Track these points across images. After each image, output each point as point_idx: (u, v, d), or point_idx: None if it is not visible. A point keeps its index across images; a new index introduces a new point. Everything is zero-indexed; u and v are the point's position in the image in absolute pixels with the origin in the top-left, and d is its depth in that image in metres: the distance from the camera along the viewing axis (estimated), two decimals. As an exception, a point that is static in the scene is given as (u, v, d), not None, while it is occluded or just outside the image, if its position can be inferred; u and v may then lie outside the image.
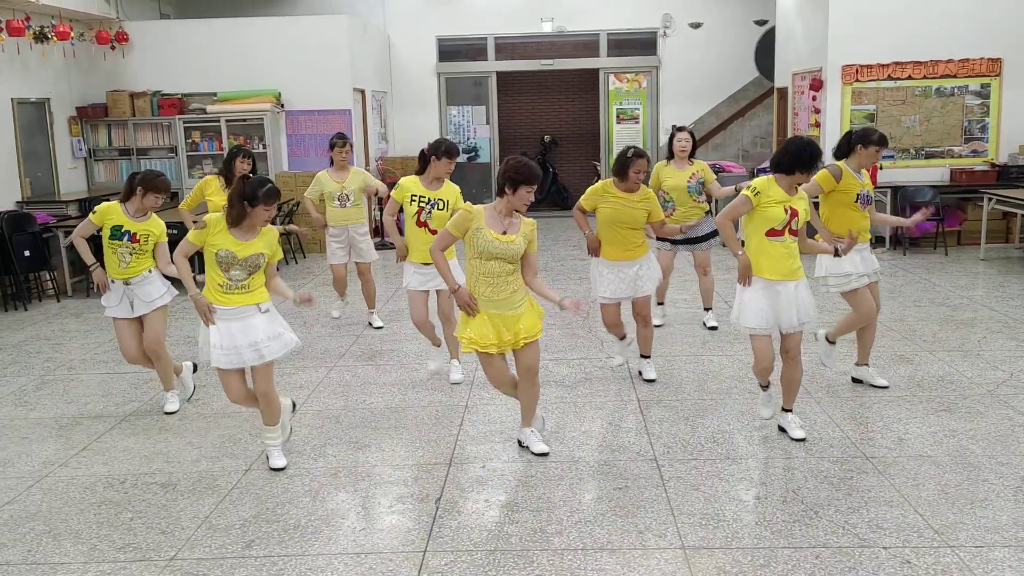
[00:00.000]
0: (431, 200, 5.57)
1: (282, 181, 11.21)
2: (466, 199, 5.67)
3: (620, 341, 5.88)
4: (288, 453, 4.69)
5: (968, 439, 4.65)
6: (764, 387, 4.86)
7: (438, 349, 5.90)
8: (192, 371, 5.65)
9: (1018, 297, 7.83)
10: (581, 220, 5.55)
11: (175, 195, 11.27)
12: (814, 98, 10.77)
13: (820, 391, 5.47)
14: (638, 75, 14.25)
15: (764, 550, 3.57)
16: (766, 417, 4.88)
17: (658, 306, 7.21)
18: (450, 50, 14.27)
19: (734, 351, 6.40)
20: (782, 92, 12.07)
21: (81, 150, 11.13)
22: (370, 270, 7.39)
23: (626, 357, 5.93)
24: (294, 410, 4.76)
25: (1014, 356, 6.06)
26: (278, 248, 4.44)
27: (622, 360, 5.92)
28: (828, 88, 10.40)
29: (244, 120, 11.31)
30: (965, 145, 10.45)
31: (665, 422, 5.03)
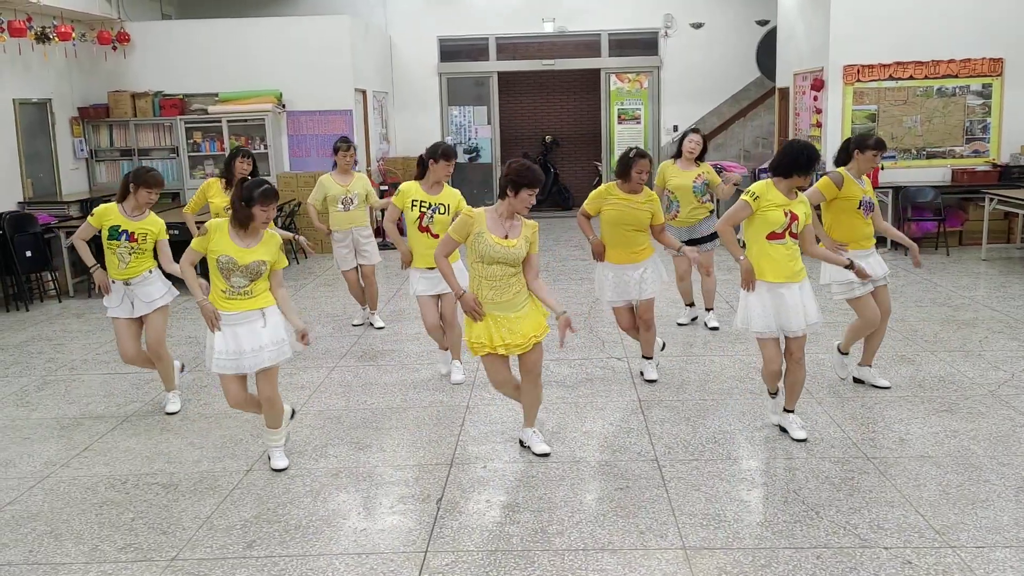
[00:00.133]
0: (432, 205, 5.56)
1: (283, 182, 11.23)
2: (468, 200, 5.68)
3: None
4: (289, 453, 4.69)
5: (969, 439, 4.65)
6: (773, 394, 4.86)
7: (444, 352, 5.91)
8: (180, 370, 5.64)
9: (1020, 297, 7.82)
10: (585, 226, 5.54)
11: (176, 195, 11.30)
12: (815, 98, 10.77)
13: (822, 391, 5.46)
14: (639, 75, 14.25)
15: (765, 550, 3.57)
16: (776, 423, 4.87)
17: (688, 307, 7.21)
18: (451, 50, 14.28)
19: (735, 351, 6.40)
20: (783, 92, 12.07)
21: (83, 151, 11.14)
22: (374, 272, 7.38)
23: (664, 342, 5.99)
24: (292, 417, 4.75)
25: (1015, 356, 6.06)
26: (281, 256, 4.43)
27: (661, 343, 5.98)
28: (829, 88, 10.40)
29: (245, 121, 11.31)
30: (966, 145, 10.44)
31: (666, 422, 5.03)
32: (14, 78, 9.66)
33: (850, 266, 4.79)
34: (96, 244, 5.30)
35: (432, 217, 5.54)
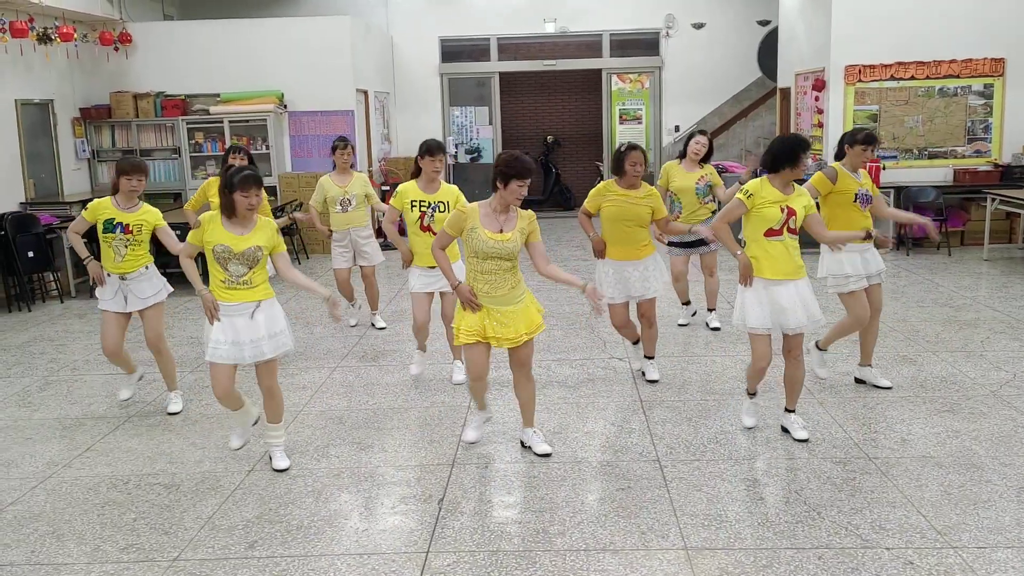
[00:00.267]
0: (431, 203, 5.57)
1: (285, 182, 11.24)
2: (469, 199, 5.67)
3: (634, 345, 5.87)
4: (291, 454, 4.70)
5: (971, 440, 4.65)
6: (752, 394, 4.85)
7: (423, 354, 5.90)
8: (138, 379, 5.60)
9: (1021, 298, 7.82)
10: (586, 223, 5.54)
11: (178, 196, 11.31)
12: (817, 98, 10.76)
13: (823, 392, 5.46)
14: (641, 75, 14.25)
15: (767, 551, 3.57)
16: (749, 426, 4.84)
17: (685, 306, 7.21)
18: (453, 51, 14.28)
19: (737, 352, 6.40)
20: (785, 92, 12.07)
21: (84, 151, 11.15)
22: (374, 273, 7.38)
23: (641, 363, 5.88)
24: (255, 423, 4.71)
25: (1017, 357, 6.05)
26: (278, 240, 4.41)
27: (640, 365, 5.86)
28: (831, 88, 10.40)
29: (247, 121, 11.32)
30: (968, 145, 10.44)
31: (668, 423, 5.03)
32: (16, 79, 9.67)
33: (868, 236, 4.83)
34: (90, 238, 5.30)
35: (433, 216, 5.54)
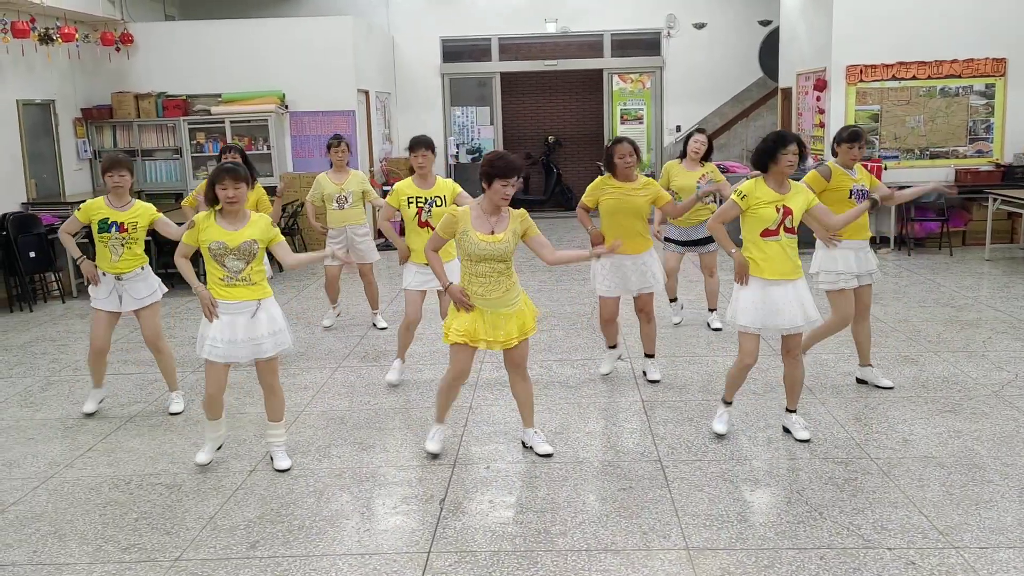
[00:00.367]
0: (428, 199, 5.58)
1: (287, 182, 11.21)
2: (472, 194, 5.68)
3: (610, 350, 5.85)
4: (292, 454, 4.70)
5: (973, 440, 4.64)
6: (727, 403, 4.81)
7: (402, 363, 5.88)
8: (100, 398, 5.54)
9: (1023, 298, 7.81)
10: (584, 217, 5.54)
11: (180, 196, 11.30)
12: (818, 98, 10.76)
13: (825, 392, 5.46)
14: (642, 75, 14.25)
15: (768, 551, 3.57)
16: (720, 433, 4.74)
17: (671, 303, 7.22)
18: (454, 51, 14.29)
19: (738, 352, 6.39)
20: (786, 92, 12.07)
21: (86, 151, 11.16)
22: (371, 271, 7.38)
23: (613, 367, 5.87)
24: (219, 448, 4.65)
25: (1019, 357, 6.05)
26: (273, 232, 4.40)
27: (609, 370, 5.84)
28: (832, 88, 10.39)
29: (249, 121, 11.32)
30: (970, 145, 10.43)
31: (669, 423, 5.03)
32: (17, 79, 9.68)
33: (874, 205, 4.85)
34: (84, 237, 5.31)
35: (430, 211, 5.55)
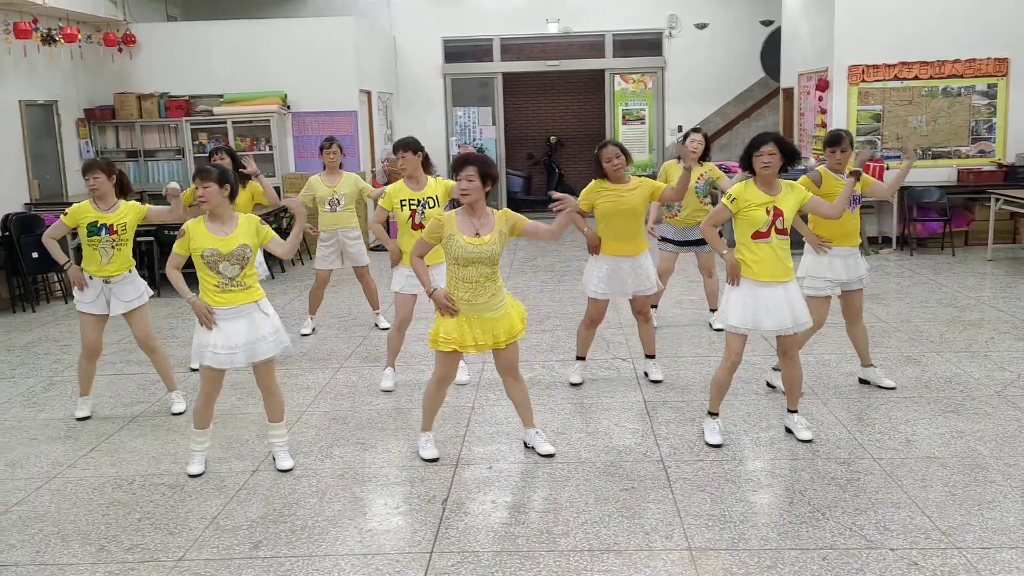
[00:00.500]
0: (420, 200, 5.57)
1: (288, 183, 11.24)
2: None
3: (579, 361, 5.81)
4: (295, 454, 4.71)
5: (976, 440, 4.64)
6: (714, 414, 4.77)
7: (393, 371, 5.85)
8: (90, 408, 5.49)
9: (1026, 298, 7.81)
10: (579, 221, 5.51)
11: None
12: (820, 98, 10.75)
13: (827, 392, 5.46)
14: (644, 76, 14.24)
15: (771, 551, 3.57)
16: (715, 444, 4.66)
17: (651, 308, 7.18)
18: (456, 51, 14.29)
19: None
20: (788, 92, 12.06)
21: (89, 152, 11.17)
22: (368, 272, 7.34)
23: (583, 378, 5.81)
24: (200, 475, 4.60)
25: (1022, 357, 6.04)
26: (264, 231, 4.38)
27: (581, 379, 5.78)
28: (834, 88, 10.39)
29: (251, 122, 11.34)
30: (972, 145, 10.42)
31: (671, 423, 5.03)
32: (20, 79, 9.70)
33: (857, 177, 4.78)
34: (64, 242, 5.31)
35: (423, 213, 5.55)
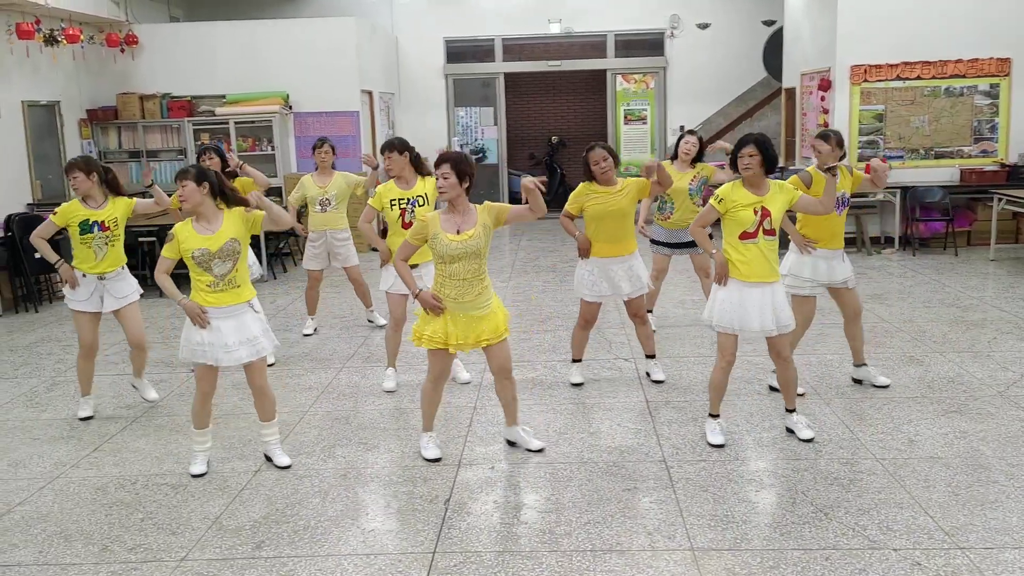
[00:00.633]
0: (410, 199, 5.58)
1: (291, 183, 11.23)
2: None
3: (576, 363, 5.81)
4: (297, 454, 4.71)
5: (978, 440, 4.63)
6: (715, 416, 4.77)
7: (394, 371, 5.86)
8: (93, 407, 5.52)
9: (1028, 298, 7.80)
10: (569, 225, 5.50)
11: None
12: (822, 98, 10.75)
13: (829, 392, 5.45)
14: (645, 76, 14.24)
15: (773, 552, 3.56)
16: (718, 444, 4.66)
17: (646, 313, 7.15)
18: (458, 51, 14.29)
19: (742, 352, 6.36)
20: (790, 92, 12.05)
21: (91, 152, 11.19)
22: (358, 271, 7.29)
23: (583, 378, 5.81)
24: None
25: (1024, 357, 6.04)
26: (249, 218, 4.35)
27: (582, 380, 5.78)
28: (836, 88, 10.38)
29: (253, 122, 11.35)
30: (975, 145, 10.41)
31: (674, 423, 5.02)
32: (23, 80, 9.71)
33: (832, 172, 4.66)
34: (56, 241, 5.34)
35: (413, 211, 5.55)
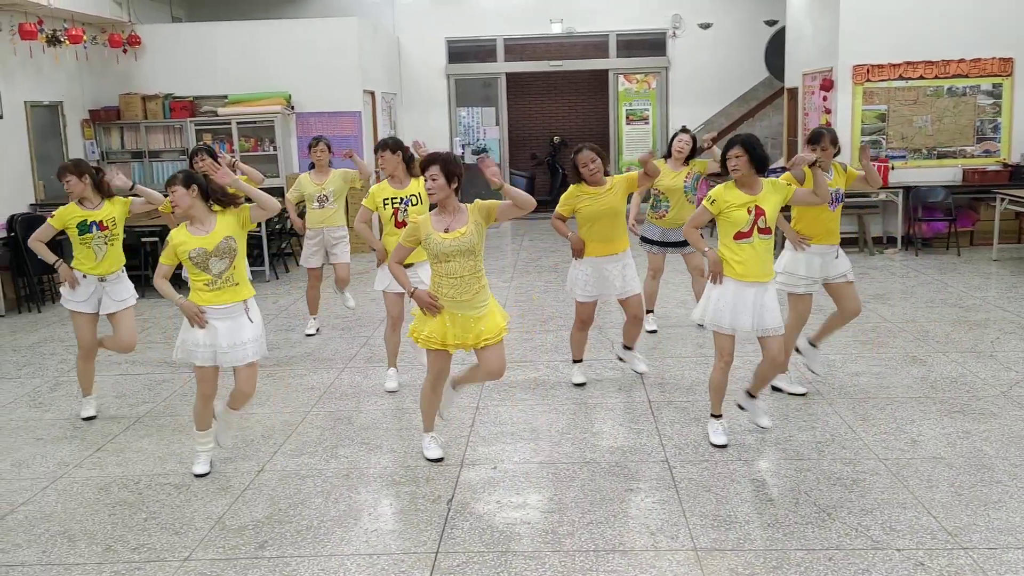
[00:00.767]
0: (403, 198, 5.59)
1: (293, 183, 11.24)
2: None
3: (577, 364, 5.81)
4: (300, 454, 4.72)
5: (981, 440, 4.63)
6: (718, 416, 4.76)
7: (396, 371, 5.87)
8: (95, 405, 5.55)
9: (1031, 298, 7.79)
10: (561, 227, 5.49)
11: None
12: (825, 98, 10.74)
13: (832, 392, 5.45)
14: (647, 76, 14.23)
15: (776, 552, 3.56)
16: (721, 444, 4.66)
17: (648, 313, 7.14)
18: (459, 51, 14.30)
19: (744, 352, 6.38)
20: (792, 92, 12.04)
21: (94, 153, 11.20)
22: (347, 270, 7.25)
23: (585, 378, 5.83)
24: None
25: (1027, 357, 6.03)
26: (241, 211, 4.37)
27: (584, 379, 5.79)
28: (839, 88, 10.37)
29: (255, 122, 11.35)
30: (977, 145, 10.40)
31: (676, 423, 5.02)
32: (25, 80, 9.72)
33: (813, 164, 4.68)
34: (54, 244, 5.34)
35: (406, 210, 5.56)
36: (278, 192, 11.22)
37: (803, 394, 5.38)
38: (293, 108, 11.56)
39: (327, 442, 4.93)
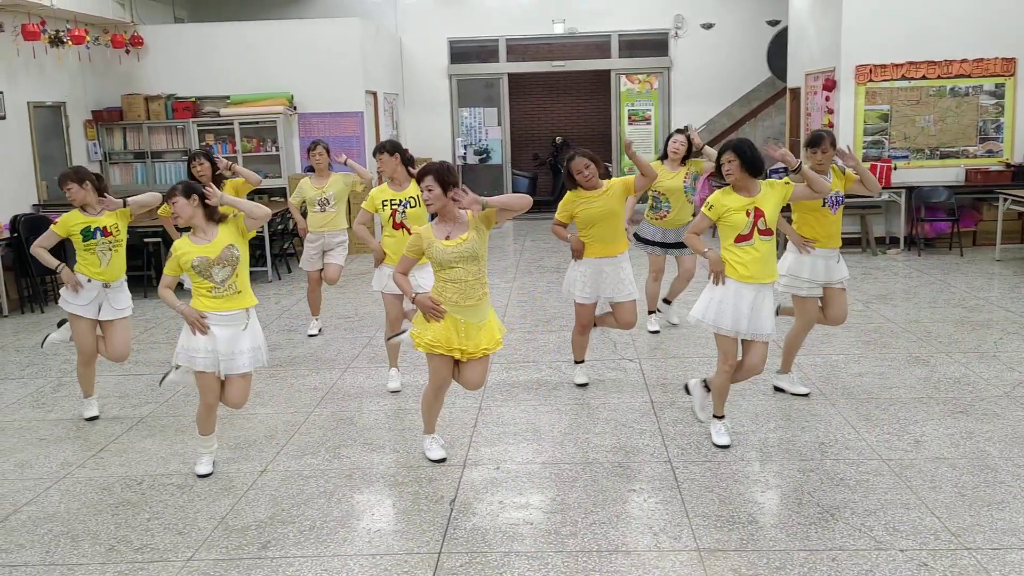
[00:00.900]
0: (401, 201, 5.59)
1: (295, 183, 11.25)
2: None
3: (579, 364, 5.81)
4: (303, 455, 4.72)
5: (985, 441, 4.62)
6: (720, 417, 4.75)
7: (398, 371, 5.87)
8: (97, 405, 5.54)
9: (1034, 298, 7.78)
10: (561, 232, 5.49)
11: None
12: (827, 98, 10.73)
13: (835, 393, 5.45)
14: (650, 76, 14.23)
15: (780, 552, 3.56)
16: (724, 445, 4.65)
17: (665, 304, 7.14)
18: (461, 52, 14.30)
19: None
20: (795, 93, 12.03)
21: (96, 153, 11.21)
22: (338, 272, 7.20)
23: (587, 378, 5.82)
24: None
25: (1031, 357, 6.03)
26: (238, 225, 4.38)
27: (586, 380, 5.79)
28: (841, 88, 10.36)
29: (257, 123, 11.36)
30: (980, 145, 10.38)
31: (679, 423, 5.02)
32: (29, 81, 9.73)
33: (798, 170, 4.70)
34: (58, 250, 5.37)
35: (404, 212, 5.56)
36: (280, 192, 11.26)
37: (806, 395, 5.38)
38: (295, 109, 11.56)
39: (330, 442, 4.93)
